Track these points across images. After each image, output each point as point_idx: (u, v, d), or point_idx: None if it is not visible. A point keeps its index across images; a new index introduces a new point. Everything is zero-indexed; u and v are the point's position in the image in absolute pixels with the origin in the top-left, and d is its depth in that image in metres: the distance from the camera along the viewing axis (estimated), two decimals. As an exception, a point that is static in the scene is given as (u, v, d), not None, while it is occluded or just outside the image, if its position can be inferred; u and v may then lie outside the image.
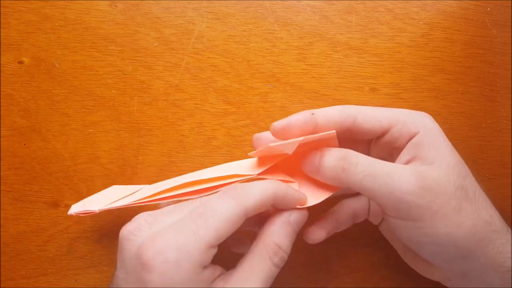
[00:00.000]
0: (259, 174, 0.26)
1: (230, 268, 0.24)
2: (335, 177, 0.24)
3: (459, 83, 0.33)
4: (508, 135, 0.33)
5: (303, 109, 0.32)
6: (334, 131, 0.24)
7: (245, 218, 0.23)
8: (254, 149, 0.26)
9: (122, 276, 0.22)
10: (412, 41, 0.33)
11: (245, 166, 0.26)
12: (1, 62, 0.33)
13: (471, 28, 0.34)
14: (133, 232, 0.22)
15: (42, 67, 0.33)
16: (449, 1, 0.34)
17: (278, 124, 0.24)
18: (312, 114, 0.24)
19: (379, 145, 0.26)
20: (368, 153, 0.27)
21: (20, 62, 0.33)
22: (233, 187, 0.23)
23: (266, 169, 0.26)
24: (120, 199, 0.28)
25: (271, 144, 0.23)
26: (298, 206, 0.25)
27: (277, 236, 0.24)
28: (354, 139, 0.26)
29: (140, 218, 0.23)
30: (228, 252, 0.26)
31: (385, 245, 0.32)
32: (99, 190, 0.32)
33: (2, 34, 0.33)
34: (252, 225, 0.27)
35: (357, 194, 0.30)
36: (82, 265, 0.32)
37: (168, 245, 0.21)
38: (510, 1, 0.34)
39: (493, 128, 0.33)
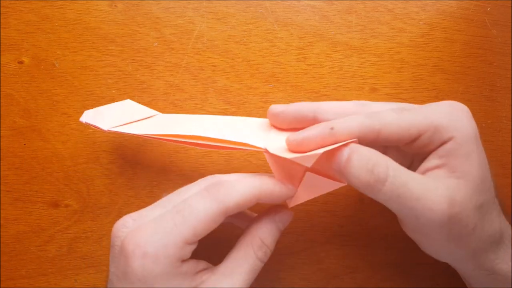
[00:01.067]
0: (266, 151, 0.25)
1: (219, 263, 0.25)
2: (359, 187, 0.22)
3: (459, 83, 0.33)
4: (508, 135, 0.33)
5: (303, 109, 0.33)
6: (356, 139, 0.23)
7: (225, 216, 0.23)
8: (268, 117, 0.27)
9: (113, 270, 0.24)
10: (412, 41, 0.33)
11: (258, 133, 0.26)
12: (1, 62, 0.33)
13: (471, 28, 0.34)
14: (119, 229, 0.24)
15: (42, 67, 0.33)
16: (449, 1, 0.34)
17: (294, 139, 0.23)
18: (331, 128, 0.23)
19: (404, 147, 0.25)
20: (386, 149, 0.26)
21: (20, 62, 0.33)
22: (216, 187, 0.23)
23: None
24: (130, 122, 0.29)
25: (289, 157, 0.23)
26: (288, 203, 0.26)
27: (261, 231, 0.25)
28: None
29: (127, 216, 0.25)
30: (217, 248, 0.26)
31: (385, 245, 0.32)
32: (99, 190, 0.32)
33: (2, 34, 0.33)
34: (239, 222, 0.29)
35: None
36: (82, 265, 0.32)
37: (148, 239, 0.22)
38: (510, 1, 0.34)
39: (493, 128, 0.33)
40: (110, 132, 0.29)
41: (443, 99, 0.33)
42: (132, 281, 0.22)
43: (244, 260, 0.24)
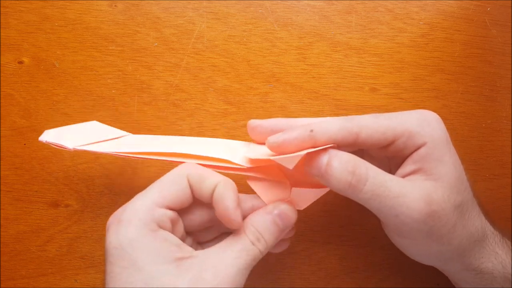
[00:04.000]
0: (249, 168, 0.25)
1: None
2: (341, 188, 0.23)
3: (459, 83, 0.33)
4: (508, 135, 0.33)
5: (303, 110, 0.33)
6: (335, 144, 0.23)
7: (188, 181, 0.24)
8: (249, 135, 0.27)
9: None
10: (412, 41, 0.33)
11: (238, 154, 0.26)
12: (1, 62, 0.33)
13: (471, 28, 0.34)
14: (110, 222, 0.24)
15: (42, 67, 0.33)
16: (449, 1, 0.34)
17: (274, 141, 0.24)
18: (311, 131, 0.23)
19: (381, 151, 0.26)
20: (362, 155, 0.27)
21: (20, 62, 0.33)
22: None
23: (257, 166, 0.25)
24: (97, 142, 0.27)
25: (272, 158, 0.23)
26: (286, 203, 0.25)
27: (254, 220, 0.24)
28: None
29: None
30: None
31: (385, 245, 0.32)
32: (99, 190, 0.32)
33: (2, 34, 0.33)
34: None
35: None
36: (82, 265, 0.32)
37: (122, 210, 0.23)
38: (510, 1, 0.34)
39: (493, 128, 0.33)
40: (76, 151, 0.27)
41: (443, 99, 0.33)
42: (111, 253, 0.22)
43: (236, 241, 0.23)
